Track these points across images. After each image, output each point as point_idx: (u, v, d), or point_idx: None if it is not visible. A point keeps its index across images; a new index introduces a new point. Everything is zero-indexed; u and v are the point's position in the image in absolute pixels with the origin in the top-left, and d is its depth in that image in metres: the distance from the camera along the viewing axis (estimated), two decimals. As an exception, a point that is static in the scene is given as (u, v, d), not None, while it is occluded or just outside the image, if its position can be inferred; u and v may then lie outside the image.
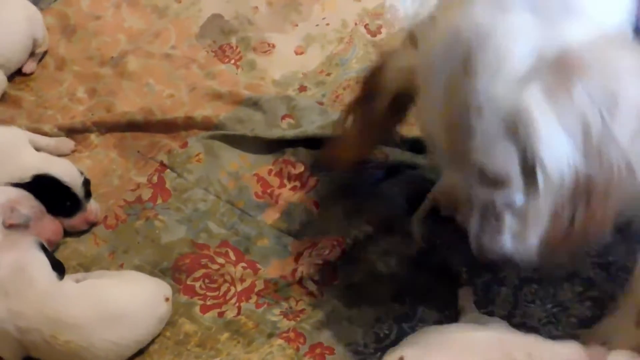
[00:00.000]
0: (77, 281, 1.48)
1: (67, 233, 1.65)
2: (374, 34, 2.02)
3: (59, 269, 1.49)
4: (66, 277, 1.48)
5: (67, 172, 1.62)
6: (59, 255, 1.60)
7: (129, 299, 1.44)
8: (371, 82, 1.36)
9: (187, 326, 1.52)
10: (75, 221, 1.64)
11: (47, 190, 1.59)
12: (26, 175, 1.59)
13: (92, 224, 1.66)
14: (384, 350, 1.36)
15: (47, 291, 1.42)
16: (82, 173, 1.65)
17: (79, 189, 1.62)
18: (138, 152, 1.81)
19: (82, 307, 1.40)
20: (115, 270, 1.57)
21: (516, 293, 1.50)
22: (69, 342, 1.38)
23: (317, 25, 2.05)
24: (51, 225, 1.59)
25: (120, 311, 1.42)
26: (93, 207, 1.66)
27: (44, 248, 1.50)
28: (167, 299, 1.49)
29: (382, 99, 1.30)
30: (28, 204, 1.54)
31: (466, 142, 1.09)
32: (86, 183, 1.65)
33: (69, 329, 1.38)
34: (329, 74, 1.94)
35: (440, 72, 1.10)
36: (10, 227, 1.49)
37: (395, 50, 1.28)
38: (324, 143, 1.72)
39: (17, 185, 1.57)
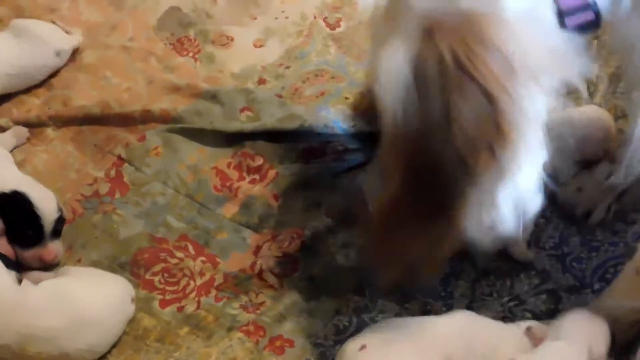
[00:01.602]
0: (38, 282, 1.44)
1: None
2: (333, 27, 2.01)
3: (15, 266, 1.46)
4: (25, 281, 1.44)
5: (45, 200, 1.54)
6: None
7: (98, 303, 1.42)
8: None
9: (146, 321, 1.51)
10: (29, 254, 1.52)
11: (14, 211, 1.52)
12: (3, 187, 1.53)
13: (46, 266, 1.54)
14: (343, 342, 1.36)
15: (11, 304, 1.37)
16: (60, 211, 1.56)
17: (48, 223, 1.53)
18: (95, 145, 1.79)
19: (52, 317, 1.37)
20: (76, 267, 1.54)
21: (473, 286, 1.51)
22: (41, 354, 1.36)
23: (276, 18, 2.04)
24: (2, 245, 1.51)
25: (91, 317, 1.39)
26: (54, 248, 1.55)
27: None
28: (132, 299, 1.48)
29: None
30: None
31: None
32: (60, 221, 1.56)
33: (40, 341, 1.35)
34: (288, 67, 1.93)
35: None
36: None
37: None
38: (282, 136, 1.73)
39: None
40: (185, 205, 1.68)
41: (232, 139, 1.77)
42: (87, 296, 1.42)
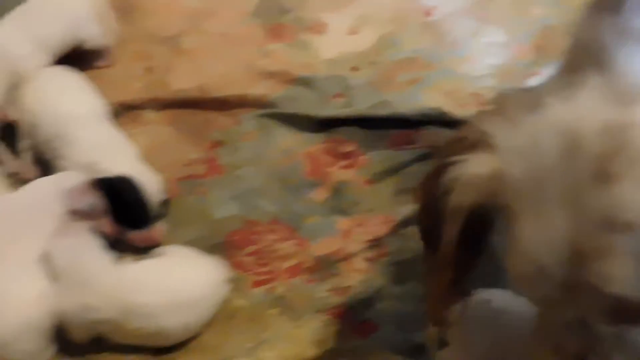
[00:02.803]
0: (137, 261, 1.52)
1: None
2: (427, 15, 2.01)
3: (115, 248, 1.53)
4: (125, 260, 1.52)
5: (152, 184, 1.62)
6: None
7: (194, 284, 1.47)
8: (432, 194, 1.04)
9: (237, 301, 1.54)
10: (136, 236, 1.59)
11: (124, 194, 1.57)
12: (115, 170, 1.59)
13: (151, 246, 1.61)
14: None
15: (112, 280, 1.44)
16: (164, 194, 1.64)
17: (154, 206, 1.60)
18: (192, 128, 1.84)
19: (150, 295, 1.42)
20: (173, 247, 1.58)
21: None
22: (140, 329, 1.42)
23: (370, 5, 2.05)
24: (108, 226, 1.56)
25: (187, 297, 1.44)
26: (159, 229, 1.62)
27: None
28: (226, 281, 1.52)
29: (453, 220, 0.99)
30: (94, 196, 1.55)
31: (601, 268, 0.83)
32: (164, 204, 1.63)
33: (139, 317, 1.41)
34: (381, 55, 1.95)
35: (554, 184, 0.84)
36: (72, 213, 1.52)
37: (453, 151, 0.99)
38: (374, 123, 1.75)
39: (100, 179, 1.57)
40: (278, 189, 1.72)
41: (325, 125, 1.80)
42: (184, 276, 1.48)
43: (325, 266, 1.59)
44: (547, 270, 0.85)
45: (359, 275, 1.57)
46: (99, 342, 1.47)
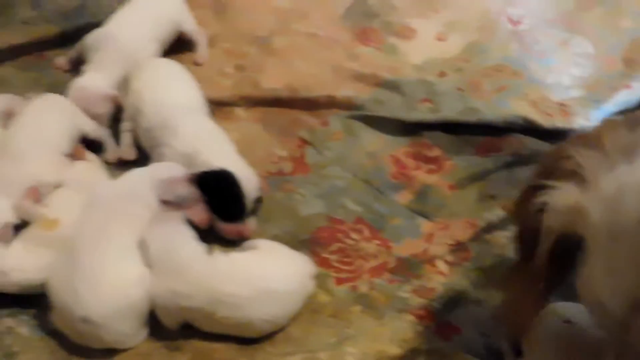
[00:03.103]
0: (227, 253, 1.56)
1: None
2: (515, 24, 2.03)
3: (205, 242, 1.57)
4: (216, 251, 1.56)
5: (250, 180, 1.66)
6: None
7: (282, 278, 1.50)
8: (527, 210, 1.09)
9: (322, 296, 1.58)
10: (229, 228, 1.64)
11: (223, 187, 1.62)
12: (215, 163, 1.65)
13: (242, 239, 1.65)
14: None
15: (203, 269, 1.49)
16: (259, 191, 1.68)
17: (249, 201, 1.64)
18: (281, 127, 1.89)
19: (239, 286, 1.46)
20: (263, 240, 1.62)
21: None
22: (228, 318, 1.46)
23: (458, 13, 2.08)
24: (201, 213, 1.61)
25: (276, 291, 1.48)
26: (251, 224, 1.67)
27: (189, 223, 1.58)
28: (312, 277, 1.56)
29: (546, 238, 1.04)
30: (188, 186, 1.60)
31: None
32: (257, 200, 1.67)
33: (227, 306, 1.46)
34: (468, 61, 1.97)
35: (628, 241, 0.89)
36: (165, 203, 1.58)
37: (548, 174, 1.05)
38: (460, 128, 1.77)
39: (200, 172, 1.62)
40: (362, 190, 1.75)
41: (411, 129, 1.83)
42: (273, 270, 1.51)
43: (408, 267, 1.61)
44: (607, 309, 0.92)
45: (441, 278, 1.59)
46: (188, 329, 1.52)
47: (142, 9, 2.00)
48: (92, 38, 1.94)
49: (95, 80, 1.83)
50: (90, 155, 1.79)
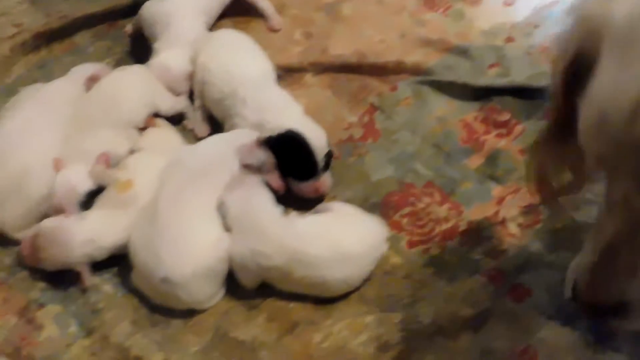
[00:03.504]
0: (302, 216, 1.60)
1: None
2: (584, -13, 2.01)
3: (281, 204, 1.61)
4: (293, 213, 1.60)
5: (317, 137, 1.68)
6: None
7: (357, 240, 1.54)
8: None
9: (394, 258, 1.61)
10: (306, 187, 1.67)
11: (292, 147, 1.65)
12: (283, 125, 1.68)
13: (320, 195, 1.69)
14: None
15: (282, 230, 1.53)
16: (329, 146, 1.69)
17: (320, 157, 1.66)
18: (350, 92, 1.91)
19: (316, 246, 1.50)
20: (338, 203, 1.66)
21: None
22: (305, 277, 1.51)
23: (527, -23, 2.07)
24: (278, 180, 1.65)
25: (350, 252, 1.52)
26: (327, 179, 1.69)
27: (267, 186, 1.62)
28: (385, 239, 1.59)
29: (558, 64, 1.04)
30: (263, 152, 1.64)
31: None
32: (328, 155, 1.68)
33: (304, 266, 1.50)
34: (537, 26, 1.96)
35: None
36: (245, 167, 1.62)
37: None
38: (530, 93, 1.77)
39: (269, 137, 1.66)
40: (432, 155, 1.77)
41: (480, 94, 1.83)
42: (347, 232, 1.55)
43: (479, 230, 1.63)
44: (608, 121, 0.87)
45: (512, 240, 1.60)
46: (265, 289, 1.57)
47: None
48: (149, 13, 1.97)
49: (176, 58, 1.86)
50: (164, 122, 1.83)
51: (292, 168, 1.66)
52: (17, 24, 2.05)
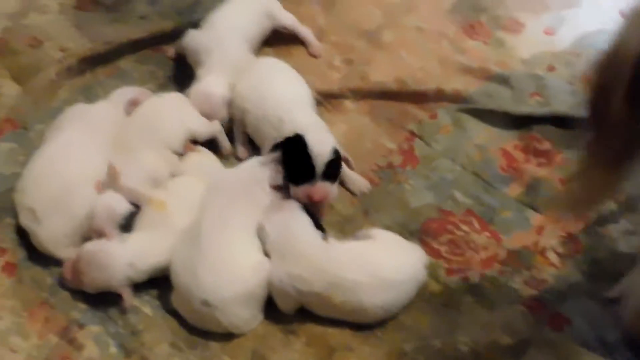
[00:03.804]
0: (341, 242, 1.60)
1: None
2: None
3: (321, 228, 1.61)
4: (331, 239, 1.60)
5: (320, 143, 1.65)
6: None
7: (396, 266, 1.54)
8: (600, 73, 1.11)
9: (433, 286, 1.61)
10: (299, 192, 1.65)
11: (291, 150, 1.66)
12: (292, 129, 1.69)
13: (315, 203, 1.65)
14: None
15: (322, 255, 1.53)
16: (336, 155, 1.66)
17: (320, 163, 1.63)
18: (389, 119, 1.91)
19: (356, 272, 1.50)
20: (378, 230, 1.65)
21: None
22: (343, 303, 1.51)
23: (568, 6, 2.07)
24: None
25: (390, 279, 1.52)
26: (324, 188, 1.64)
27: (306, 210, 1.63)
28: (425, 266, 1.58)
29: (618, 77, 1.05)
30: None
31: None
32: (332, 165, 1.65)
33: (343, 291, 1.50)
34: (578, 55, 1.96)
35: None
36: (275, 188, 1.65)
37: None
38: (571, 123, 1.77)
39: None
40: (472, 182, 1.77)
41: (520, 122, 1.84)
42: (387, 259, 1.55)
43: (518, 259, 1.63)
44: None
45: (552, 270, 1.60)
46: (303, 314, 1.57)
47: (239, 8, 2.04)
48: (194, 41, 1.99)
49: (217, 85, 1.88)
50: (202, 148, 1.85)
51: (288, 170, 1.66)
52: (64, 48, 2.08)
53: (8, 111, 1.93)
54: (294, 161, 1.66)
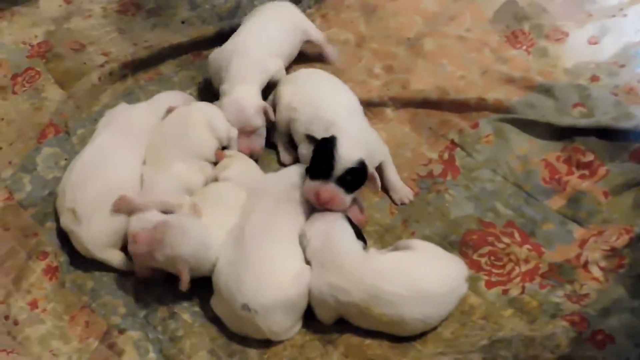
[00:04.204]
0: (381, 252, 1.60)
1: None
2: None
3: (362, 238, 1.61)
4: (372, 249, 1.60)
5: (350, 148, 1.63)
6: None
7: (437, 279, 1.53)
8: None
9: (472, 299, 1.59)
10: (308, 187, 1.63)
11: (319, 147, 1.66)
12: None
13: (321, 204, 1.62)
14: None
15: (362, 266, 1.53)
16: (361, 163, 1.62)
17: (339, 166, 1.61)
18: (430, 129, 1.91)
19: (395, 283, 1.50)
20: (419, 241, 1.64)
21: None
22: (382, 315, 1.50)
23: (613, 16, 2.04)
24: (358, 214, 1.71)
25: (430, 291, 1.51)
26: (334, 192, 1.61)
27: (348, 220, 1.63)
28: (466, 279, 1.58)
29: None
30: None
31: None
32: (354, 173, 1.62)
33: (383, 303, 1.49)
34: (622, 66, 1.93)
35: None
36: None
37: None
38: (614, 134, 1.75)
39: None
40: (513, 194, 1.75)
41: (563, 133, 1.81)
42: (428, 271, 1.54)
43: (560, 272, 1.61)
44: None
45: (594, 284, 1.57)
46: (341, 324, 1.56)
47: (263, 20, 2.03)
48: (215, 57, 1.98)
49: (249, 94, 1.88)
50: (238, 153, 1.86)
51: (311, 163, 1.66)
52: (106, 52, 2.10)
53: (51, 116, 1.95)
54: (318, 157, 1.66)
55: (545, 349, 1.48)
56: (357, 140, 1.68)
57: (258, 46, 1.96)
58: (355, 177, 1.64)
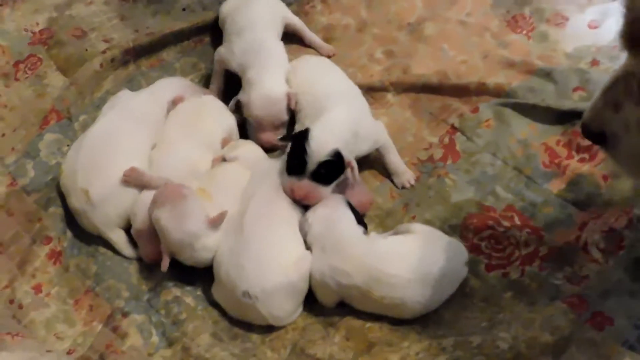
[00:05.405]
0: (382, 236, 1.62)
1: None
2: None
3: (363, 224, 1.63)
4: (372, 233, 1.62)
5: (320, 142, 1.63)
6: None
7: (438, 263, 1.54)
8: None
9: (473, 281, 1.61)
10: (285, 182, 1.65)
11: (294, 142, 1.67)
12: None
13: (299, 200, 1.65)
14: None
15: (363, 249, 1.55)
16: (335, 154, 1.63)
17: (312, 161, 1.62)
18: (431, 113, 1.91)
19: (396, 266, 1.52)
20: (419, 225, 1.66)
21: None
22: (383, 298, 1.52)
23: (613, 0, 2.04)
24: (363, 196, 1.72)
25: (430, 274, 1.53)
26: (308, 187, 1.63)
27: (349, 205, 1.64)
28: (465, 263, 1.59)
29: None
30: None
31: None
32: (327, 167, 1.63)
33: (384, 286, 1.51)
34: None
35: None
36: None
37: None
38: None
39: None
40: (513, 178, 1.76)
41: (563, 117, 1.81)
42: (428, 254, 1.55)
43: (560, 255, 1.61)
44: None
45: (594, 267, 1.58)
46: (342, 308, 1.58)
47: (264, 8, 2.05)
48: (227, 53, 1.99)
49: (279, 85, 1.90)
50: (243, 140, 1.89)
51: (287, 159, 1.67)
52: (108, 39, 2.10)
53: (54, 102, 1.96)
54: (291, 152, 1.67)
55: (544, 330, 1.49)
56: (332, 131, 1.67)
57: (274, 34, 2.00)
58: (330, 170, 1.65)
